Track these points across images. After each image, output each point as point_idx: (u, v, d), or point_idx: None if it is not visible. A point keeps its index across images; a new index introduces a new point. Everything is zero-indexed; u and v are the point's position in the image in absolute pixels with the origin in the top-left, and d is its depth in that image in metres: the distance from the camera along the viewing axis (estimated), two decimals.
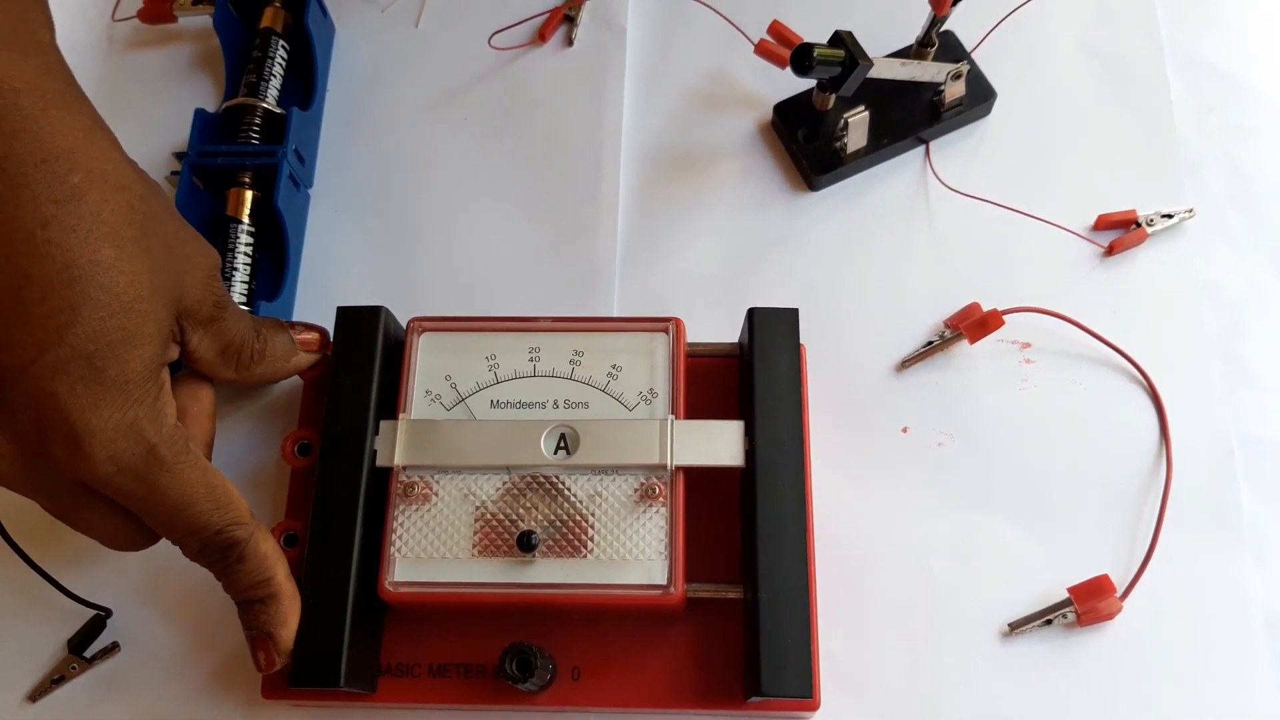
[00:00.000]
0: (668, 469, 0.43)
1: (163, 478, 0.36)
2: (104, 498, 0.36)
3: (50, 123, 0.34)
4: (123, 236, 0.34)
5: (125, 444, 0.35)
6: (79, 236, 0.33)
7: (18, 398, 0.33)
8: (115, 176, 0.35)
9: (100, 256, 0.34)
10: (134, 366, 0.35)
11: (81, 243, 0.33)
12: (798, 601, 0.40)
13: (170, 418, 0.37)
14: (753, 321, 0.45)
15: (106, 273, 0.34)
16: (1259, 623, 0.45)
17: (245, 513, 0.39)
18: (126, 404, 0.35)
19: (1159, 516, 0.47)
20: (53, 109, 0.34)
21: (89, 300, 0.33)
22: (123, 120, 0.57)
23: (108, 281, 0.34)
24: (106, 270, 0.34)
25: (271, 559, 0.40)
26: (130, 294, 0.34)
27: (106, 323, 0.34)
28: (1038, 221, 0.52)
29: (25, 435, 0.34)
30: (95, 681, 0.46)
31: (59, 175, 0.33)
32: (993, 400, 0.50)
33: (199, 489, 0.37)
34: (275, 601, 0.39)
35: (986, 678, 0.45)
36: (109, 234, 0.34)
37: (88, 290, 0.33)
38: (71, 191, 0.33)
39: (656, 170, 0.55)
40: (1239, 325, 0.51)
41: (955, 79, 0.53)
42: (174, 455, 0.36)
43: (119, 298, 0.34)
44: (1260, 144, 0.55)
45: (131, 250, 0.35)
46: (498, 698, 0.43)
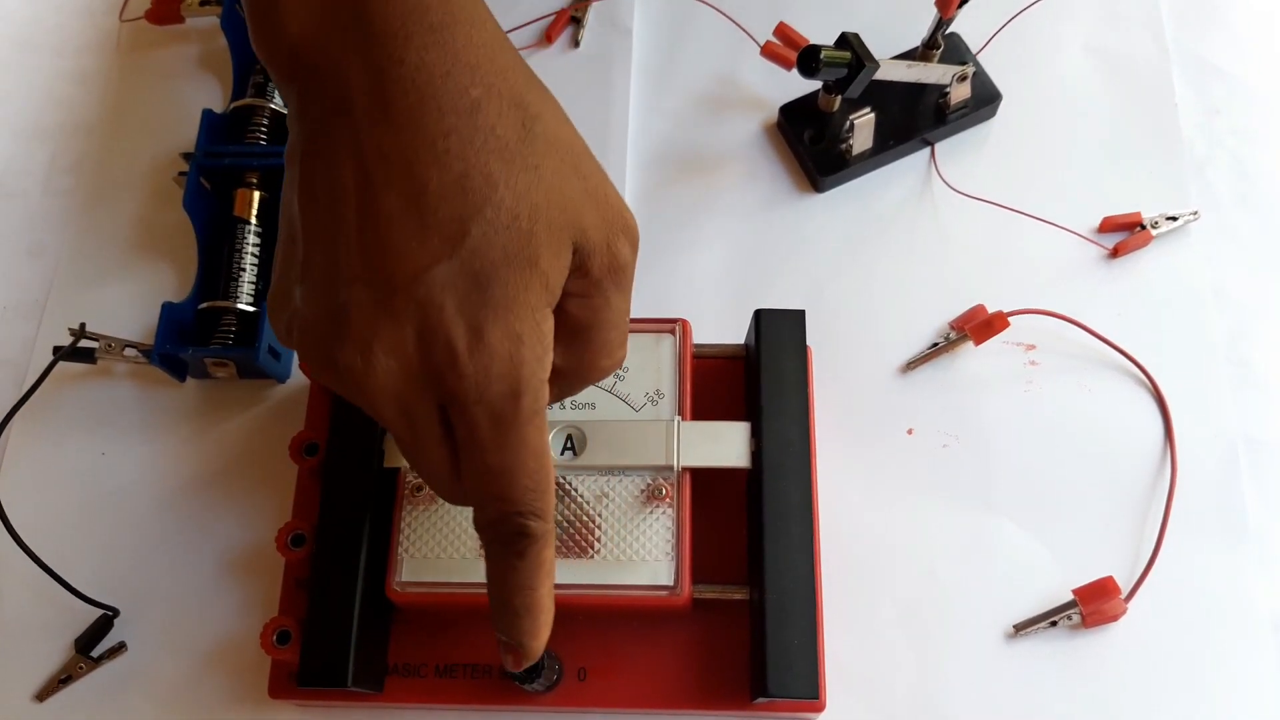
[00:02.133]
0: (674, 470, 0.43)
1: (512, 430, 0.34)
2: (448, 431, 0.34)
3: (456, 37, 0.33)
4: (512, 152, 0.33)
5: (499, 370, 0.33)
6: (474, 148, 0.32)
7: (406, 308, 0.32)
8: (511, 92, 0.34)
9: (490, 169, 0.33)
10: (519, 292, 0.33)
11: (475, 154, 0.32)
12: (804, 602, 0.41)
13: (545, 374, 0.34)
14: (759, 323, 0.45)
15: (495, 188, 0.33)
16: (1264, 625, 0.46)
17: (550, 508, 0.36)
18: (510, 333, 0.33)
19: (1164, 518, 0.47)
20: (460, 24, 0.33)
21: (479, 215, 0.32)
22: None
23: (495, 197, 0.33)
24: (495, 185, 0.33)
25: (546, 569, 0.36)
26: (515, 212, 0.33)
27: (492, 239, 0.32)
28: (1043, 223, 0.53)
29: (405, 347, 0.32)
30: (102, 681, 0.46)
31: (461, 87, 0.33)
32: (998, 402, 0.50)
33: (530, 460, 0.34)
34: (531, 614, 0.37)
35: (991, 679, 0.45)
36: (499, 148, 0.33)
37: (477, 203, 0.32)
38: (471, 104, 0.33)
39: (662, 172, 0.55)
40: (1244, 327, 0.51)
41: (961, 81, 0.53)
42: (531, 412, 0.34)
43: (505, 215, 0.33)
44: (1265, 146, 0.55)
45: (519, 166, 0.33)
46: (504, 698, 0.43)
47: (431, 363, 0.33)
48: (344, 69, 0.32)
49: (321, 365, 0.33)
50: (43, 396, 0.49)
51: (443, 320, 0.32)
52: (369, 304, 0.32)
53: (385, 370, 0.33)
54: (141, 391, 0.51)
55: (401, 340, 0.32)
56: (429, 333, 0.32)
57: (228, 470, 0.49)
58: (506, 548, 0.35)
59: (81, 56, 0.60)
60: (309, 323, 0.33)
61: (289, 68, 0.33)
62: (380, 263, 0.32)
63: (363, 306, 0.32)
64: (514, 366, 0.33)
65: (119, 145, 0.57)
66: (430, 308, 0.32)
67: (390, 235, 0.32)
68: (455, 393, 0.33)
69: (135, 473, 0.49)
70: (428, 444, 0.35)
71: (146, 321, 0.52)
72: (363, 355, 0.32)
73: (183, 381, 0.51)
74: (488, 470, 0.34)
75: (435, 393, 0.33)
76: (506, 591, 0.36)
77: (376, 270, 0.32)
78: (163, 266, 0.54)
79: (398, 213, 0.32)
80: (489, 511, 0.35)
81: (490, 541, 0.36)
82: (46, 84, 0.59)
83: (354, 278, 0.32)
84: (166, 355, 0.48)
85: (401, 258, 0.32)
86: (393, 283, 0.32)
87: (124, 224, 0.55)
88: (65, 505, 0.49)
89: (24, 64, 0.60)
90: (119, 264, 0.54)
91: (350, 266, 0.32)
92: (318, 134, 0.33)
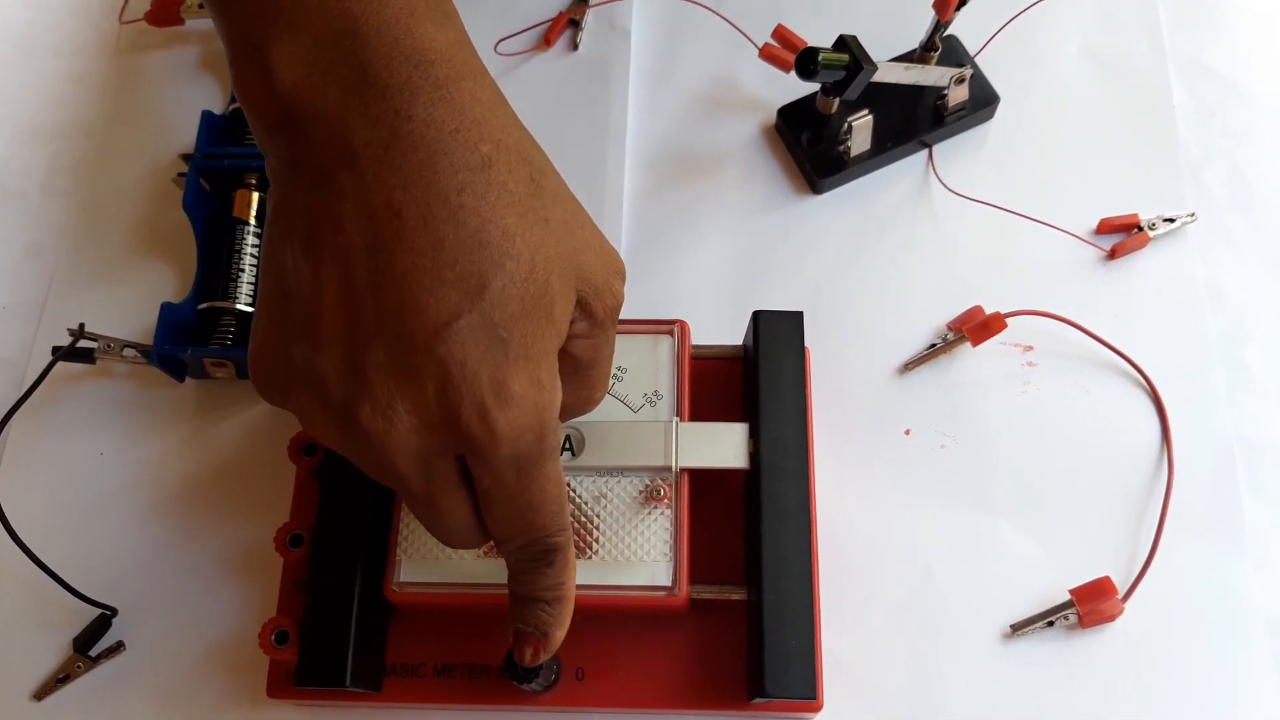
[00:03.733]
0: (672, 470, 0.43)
1: (535, 471, 0.34)
2: (468, 483, 0.35)
3: (462, 93, 0.33)
4: (525, 206, 0.33)
5: (525, 421, 0.33)
6: (489, 203, 0.32)
7: (427, 365, 0.31)
8: (518, 148, 0.34)
9: (506, 223, 0.32)
10: (536, 341, 0.33)
11: (491, 209, 0.32)
12: (801, 603, 0.41)
13: (558, 407, 0.35)
14: (757, 324, 0.45)
15: (513, 242, 0.33)
16: (1259, 626, 0.46)
17: (568, 518, 0.37)
18: (533, 381, 0.33)
19: (1160, 519, 0.47)
20: (464, 79, 0.33)
21: (498, 268, 0.32)
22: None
23: (514, 250, 0.32)
24: (512, 239, 0.33)
25: (572, 564, 0.38)
26: (533, 264, 0.33)
27: (510, 292, 0.32)
28: (1040, 225, 0.53)
29: (428, 405, 0.32)
30: (100, 680, 0.46)
31: (470, 143, 0.32)
32: (995, 403, 0.50)
33: (553, 490, 0.35)
34: (559, 605, 0.38)
35: (988, 679, 0.45)
36: (513, 202, 0.33)
37: (496, 257, 0.32)
38: (482, 160, 0.33)
39: (661, 173, 0.55)
40: (1240, 329, 0.51)
41: (958, 83, 0.53)
42: (552, 449, 0.34)
43: (524, 266, 0.33)
44: (1262, 148, 0.55)
45: (532, 220, 0.33)
46: (502, 698, 0.43)
47: (457, 419, 0.32)
48: (346, 122, 0.31)
49: (337, 429, 0.33)
50: (42, 396, 0.49)
51: (465, 376, 0.32)
52: (388, 363, 0.31)
53: (407, 429, 0.32)
54: (140, 392, 0.51)
55: (424, 398, 0.32)
56: (453, 390, 0.32)
57: (226, 470, 0.49)
58: (535, 564, 0.36)
59: (81, 58, 0.60)
60: (320, 387, 0.32)
61: (279, 118, 0.32)
62: (398, 320, 0.31)
63: (382, 366, 0.31)
64: (538, 413, 0.33)
65: (118, 146, 0.57)
66: (452, 363, 0.31)
67: (407, 291, 0.31)
68: (484, 446, 0.32)
69: (134, 473, 0.50)
70: (446, 497, 0.34)
71: (145, 322, 0.52)
72: (384, 416, 0.32)
73: (182, 382, 0.51)
74: (515, 511, 0.35)
75: (456, 447, 0.33)
76: (535, 591, 0.37)
77: (395, 328, 0.31)
78: (162, 267, 0.54)
79: (414, 269, 0.31)
80: (516, 542, 0.36)
81: (518, 562, 0.36)
82: (46, 85, 0.59)
83: (370, 337, 0.31)
84: (165, 355, 0.48)
85: (421, 314, 0.31)
86: (413, 340, 0.31)
87: (123, 225, 0.55)
88: (64, 505, 0.49)
89: (23, 65, 0.60)
90: (118, 264, 0.54)
91: (365, 325, 0.31)
92: (317, 186, 0.32)
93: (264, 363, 0.34)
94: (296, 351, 0.33)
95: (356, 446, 0.33)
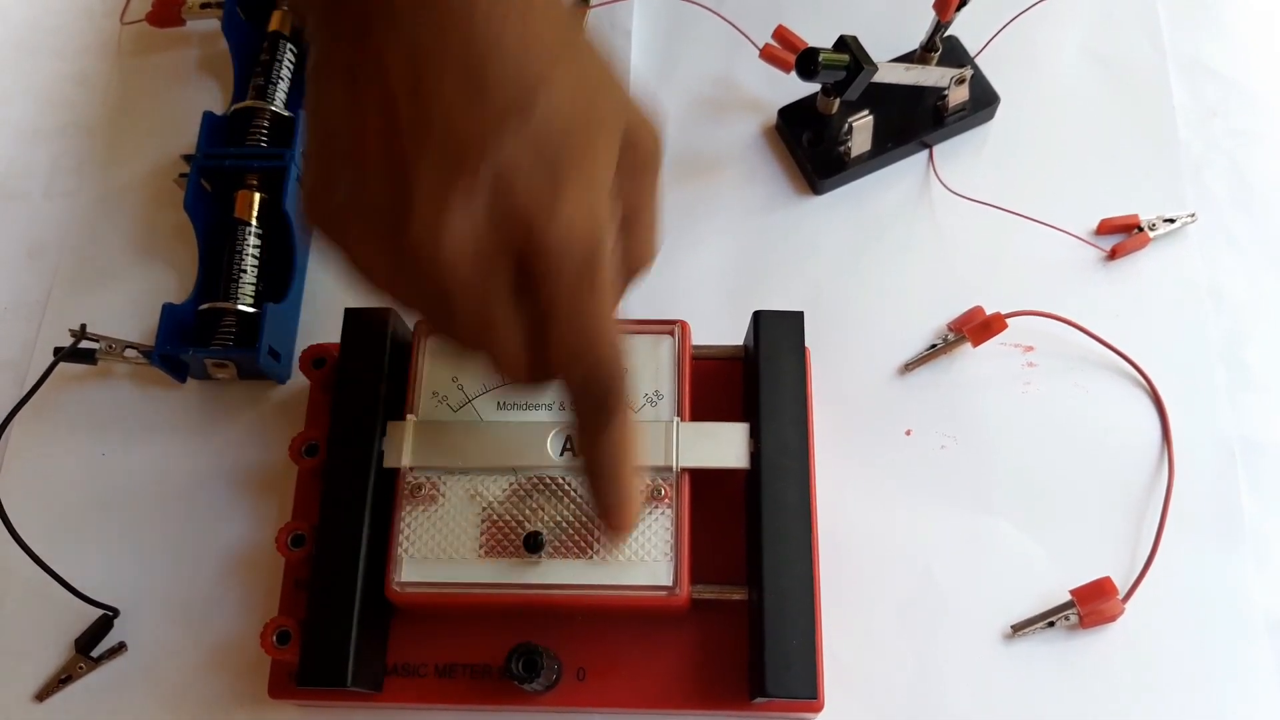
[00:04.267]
0: (673, 470, 0.43)
1: (593, 286, 0.33)
2: (523, 302, 0.34)
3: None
4: (567, 37, 0.34)
5: (582, 222, 0.32)
6: (532, 29, 0.32)
7: (478, 172, 0.31)
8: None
9: (550, 44, 0.33)
10: (586, 158, 0.33)
11: (534, 34, 0.33)
12: (802, 603, 0.41)
13: (614, 230, 0.35)
14: (758, 324, 0.45)
15: (558, 62, 0.33)
16: (1260, 625, 0.46)
17: (625, 366, 0.36)
18: (588, 187, 0.33)
19: (1161, 519, 0.47)
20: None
21: (545, 84, 0.32)
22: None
23: (560, 70, 0.33)
24: (558, 60, 0.33)
25: (635, 434, 0.37)
26: (580, 83, 0.33)
27: (559, 107, 0.32)
28: (1040, 225, 0.53)
29: (478, 214, 0.32)
30: (102, 681, 0.46)
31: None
32: (996, 403, 0.50)
33: (610, 321, 0.35)
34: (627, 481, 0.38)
35: (989, 679, 0.45)
36: (555, 29, 0.33)
37: (544, 73, 0.32)
38: None
39: (662, 174, 0.55)
40: (1241, 329, 0.51)
41: (959, 84, 0.53)
42: (607, 276, 0.34)
43: (571, 82, 0.33)
44: (1262, 148, 0.55)
45: (576, 48, 0.34)
46: (503, 698, 0.43)
47: (514, 219, 0.32)
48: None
49: (383, 248, 0.32)
50: (43, 397, 0.49)
51: (520, 180, 0.31)
52: (436, 173, 0.31)
53: (460, 238, 0.31)
54: (142, 392, 0.51)
55: (474, 207, 0.31)
56: (509, 190, 0.32)
57: (228, 471, 0.49)
58: (597, 409, 0.36)
59: (82, 59, 0.60)
60: (367, 207, 0.32)
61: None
62: (446, 132, 0.31)
63: (429, 176, 0.31)
64: (593, 217, 0.33)
65: (120, 147, 0.57)
66: (506, 169, 0.31)
67: (454, 107, 0.31)
68: (541, 250, 0.32)
69: (136, 473, 0.50)
70: (500, 316, 0.34)
71: (147, 322, 0.52)
72: (432, 227, 0.31)
73: (183, 382, 0.51)
74: (572, 329, 0.34)
75: (512, 258, 0.32)
76: (602, 454, 0.37)
77: (444, 140, 0.31)
78: (163, 268, 0.54)
79: (459, 89, 0.32)
80: (576, 374, 0.35)
81: (584, 409, 0.36)
82: (47, 86, 0.59)
83: (418, 154, 0.31)
84: (167, 356, 0.49)
85: (469, 125, 0.32)
86: (464, 149, 0.31)
87: (125, 226, 0.55)
88: (66, 506, 0.49)
89: (25, 66, 0.60)
90: (120, 265, 0.54)
91: (412, 145, 0.31)
92: (357, 39, 0.32)
93: (313, 202, 0.34)
94: (343, 184, 0.32)
95: (408, 265, 0.32)
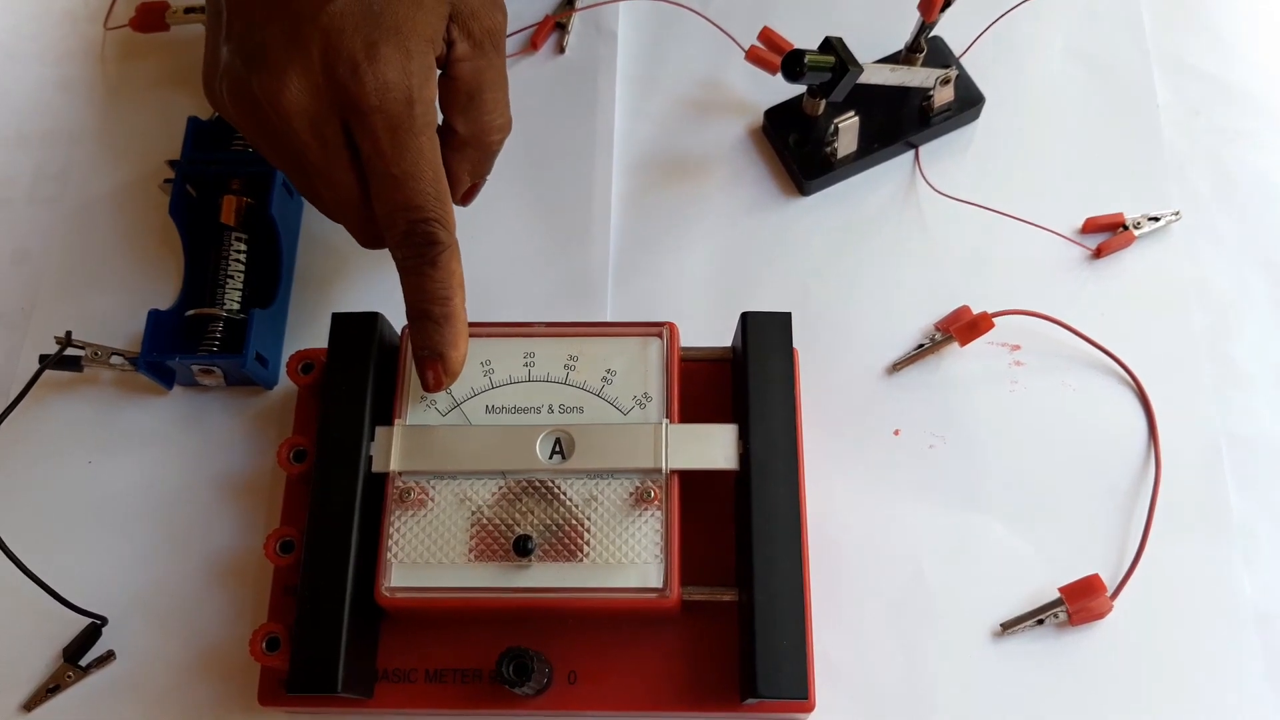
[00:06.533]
0: (662, 472, 0.43)
1: (408, 138, 0.40)
2: (354, 153, 0.41)
3: None
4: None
5: (394, 79, 0.39)
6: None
7: (313, 34, 0.39)
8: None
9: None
10: (406, 20, 0.40)
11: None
12: (792, 603, 0.41)
13: (432, 93, 0.41)
14: (746, 325, 0.45)
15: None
16: (1249, 620, 0.46)
17: (453, 223, 0.42)
18: (401, 50, 0.40)
19: (1149, 516, 0.47)
20: None
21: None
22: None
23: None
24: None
25: (457, 280, 0.42)
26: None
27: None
28: (1026, 225, 0.53)
29: (313, 67, 0.39)
30: (91, 690, 0.46)
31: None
32: (983, 402, 0.50)
33: (428, 169, 0.41)
34: (449, 323, 0.42)
35: (979, 677, 0.45)
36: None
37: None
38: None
39: (649, 176, 0.56)
40: (1226, 326, 0.52)
41: (944, 84, 0.53)
42: (423, 123, 0.40)
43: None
44: (1246, 146, 0.56)
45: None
46: (494, 702, 0.43)
47: (336, 77, 0.39)
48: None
49: (242, 99, 0.40)
50: (29, 405, 0.48)
51: (343, 40, 0.39)
52: (280, 36, 0.39)
53: (298, 89, 0.39)
54: (128, 399, 0.51)
55: (310, 63, 0.39)
56: (332, 51, 0.39)
57: (216, 477, 0.49)
58: (420, 257, 0.41)
59: (66, 64, 0.60)
60: (233, 68, 0.40)
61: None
62: (286, 4, 0.39)
63: (275, 40, 0.39)
64: (405, 76, 0.40)
65: (104, 153, 0.57)
66: (332, 30, 0.39)
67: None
68: (357, 100, 0.39)
69: (123, 481, 0.49)
70: (336, 163, 0.41)
71: (133, 329, 0.52)
72: (277, 79, 0.39)
73: (170, 389, 0.51)
74: (392, 179, 0.40)
75: (340, 108, 0.40)
76: (425, 301, 0.42)
77: (285, 10, 0.39)
78: (149, 274, 0.53)
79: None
80: (399, 224, 0.41)
81: (405, 257, 0.41)
82: (31, 92, 0.59)
83: (267, 19, 0.40)
84: (153, 362, 0.48)
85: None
86: (300, 16, 0.39)
87: (110, 231, 0.55)
88: (52, 514, 0.49)
89: (8, 72, 0.60)
90: (105, 272, 0.54)
91: (264, 11, 0.40)
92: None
93: (207, 73, 0.43)
94: (222, 52, 0.41)
95: (261, 115, 0.40)
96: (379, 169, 0.40)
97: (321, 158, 0.41)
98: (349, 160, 0.41)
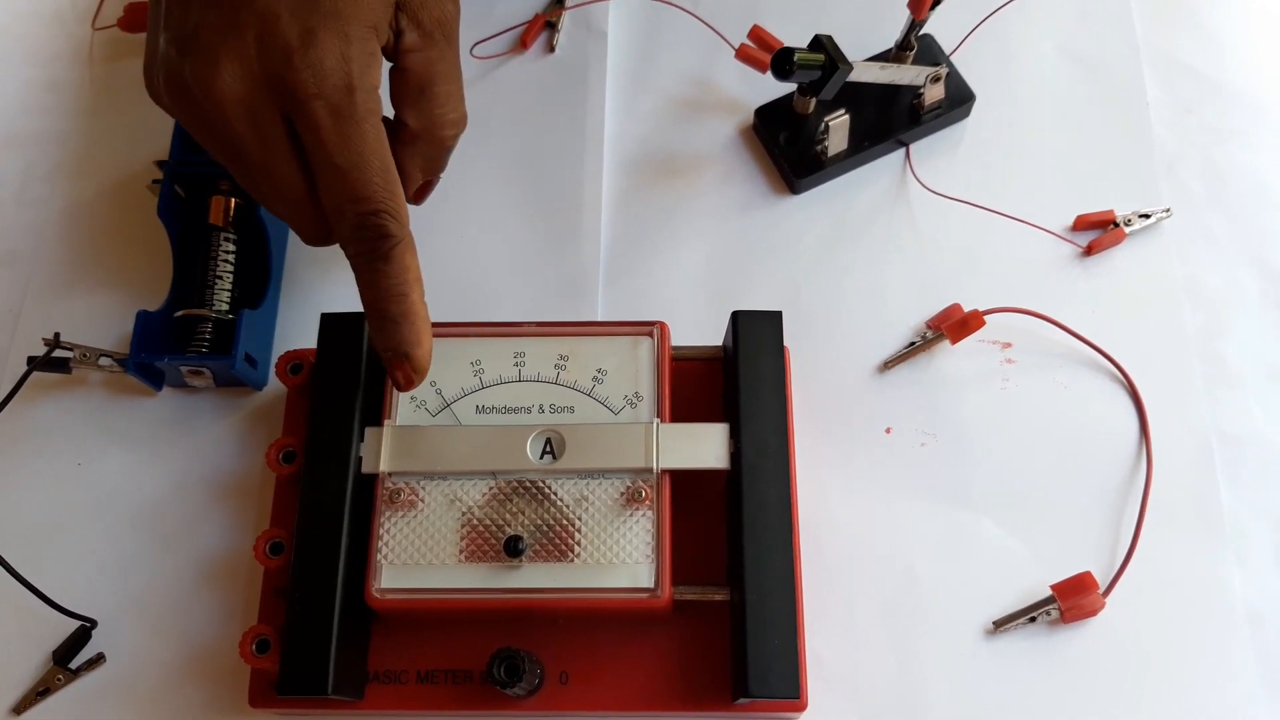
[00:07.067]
0: (653, 472, 0.43)
1: (350, 126, 0.38)
2: (296, 145, 0.39)
3: None
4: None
5: (332, 65, 0.38)
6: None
7: (247, 19, 0.38)
8: None
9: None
10: (348, 5, 0.38)
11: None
12: (784, 602, 0.41)
13: (375, 80, 0.39)
14: (736, 324, 0.45)
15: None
16: (1240, 618, 0.46)
17: (405, 216, 0.40)
18: (339, 35, 0.38)
19: (1140, 513, 0.47)
20: None
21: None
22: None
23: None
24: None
25: (413, 275, 0.40)
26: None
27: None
28: (1017, 222, 0.53)
29: (247, 52, 0.38)
30: (81, 693, 0.46)
31: None
32: (975, 400, 0.50)
33: (375, 159, 0.39)
34: (408, 320, 0.40)
35: (971, 675, 0.45)
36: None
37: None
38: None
39: (639, 175, 0.55)
40: (1217, 323, 0.52)
41: (934, 82, 0.53)
42: (366, 111, 0.38)
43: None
44: (1236, 144, 0.56)
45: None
46: (486, 703, 0.43)
47: (271, 63, 0.38)
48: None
49: (176, 87, 0.39)
50: (17, 407, 0.48)
51: (279, 25, 0.38)
52: (215, 21, 0.38)
53: (232, 76, 0.38)
54: (117, 401, 0.51)
55: (244, 48, 0.38)
56: (268, 36, 0.38)
57: (205, 479, 0.49)
58: (372, 252, 0.39)
59: (54, 65, 0.59)
60: (168, 56, 0.39)
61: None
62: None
63: (209, 25, 0.38)
64: (344, 62, 0.38)
65: (92, 154, 0.57)
66: (268, 16, 0.38)
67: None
68: (294, 88, 0.38)
69: (112, 483, 0.49)
70: (277, 155, 0.39)
71: (121, 330, 0.52)
72: (210, 66, 0.38)
73: (159, 390, 0.51)
74: (336, 169, 0.38)
75: (278, 97, 0.38)
76: (382, 300, 0.40)
77: (218, 1, 0.38)
78: (137, 275, 0.53)
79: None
80: (348, 219, 0.39)
81: (356, 254, 0.39)
82: (18, 93, 0.59)
83: (204, 4, 0.38)
84: (142, 364, 0.48)
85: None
86: (236, 1, 0.38)
87: (98, 232, 0.55)
88: (41, 516, 0.49)
89: None
90: (93, 273, 0.54)
91: (199, 3, 0.38)
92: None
93: (147, 62, 0.41)
94: (160, 41, 0.40)
95: (196, 104, 0.39)
96: (322, 160, 0.38)
97: (259, 149, 0.39)
98: (290, 152, 0.39)
